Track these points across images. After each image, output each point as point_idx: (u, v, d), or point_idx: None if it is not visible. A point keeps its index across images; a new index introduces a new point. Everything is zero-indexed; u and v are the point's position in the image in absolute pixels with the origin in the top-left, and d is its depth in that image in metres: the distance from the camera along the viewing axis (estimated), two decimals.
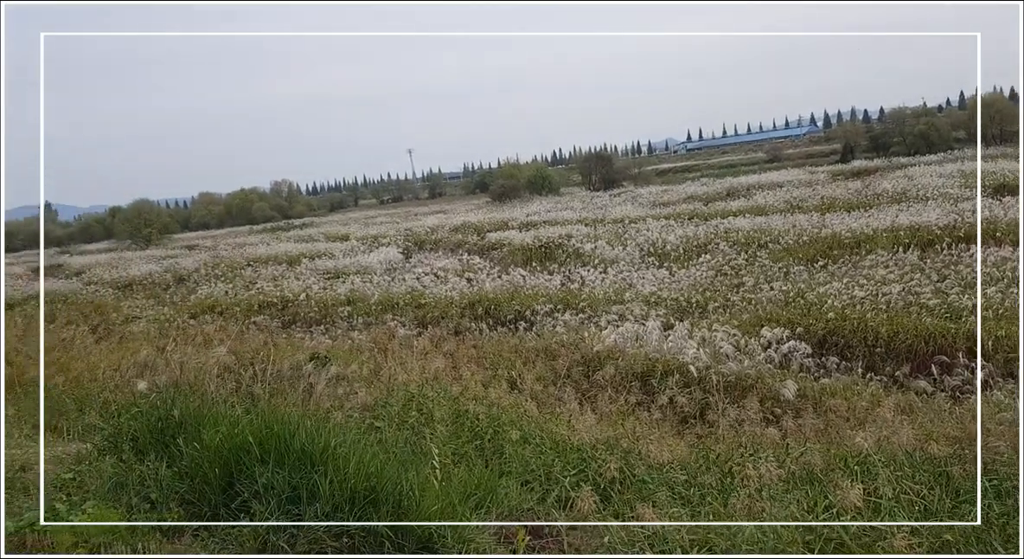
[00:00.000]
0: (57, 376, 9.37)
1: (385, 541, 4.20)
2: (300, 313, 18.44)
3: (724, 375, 8.81)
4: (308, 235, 45.76)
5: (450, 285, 19.23)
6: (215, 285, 24.22)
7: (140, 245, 54.92)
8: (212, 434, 4.98)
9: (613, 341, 10.21)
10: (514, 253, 26.17)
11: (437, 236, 34.68)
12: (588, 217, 34.64)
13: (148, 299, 23.59)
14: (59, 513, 4.40)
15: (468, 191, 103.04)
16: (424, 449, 5.62)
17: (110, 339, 13.47)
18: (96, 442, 5.97)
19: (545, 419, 6.86)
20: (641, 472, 5.49)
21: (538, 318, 14.37)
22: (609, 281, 18.03)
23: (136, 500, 4.68)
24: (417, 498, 4.43)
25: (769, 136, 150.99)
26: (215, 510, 4.55)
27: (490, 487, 5.04)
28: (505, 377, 8.74)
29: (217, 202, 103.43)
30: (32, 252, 73.25)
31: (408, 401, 7.03)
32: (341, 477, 4.47)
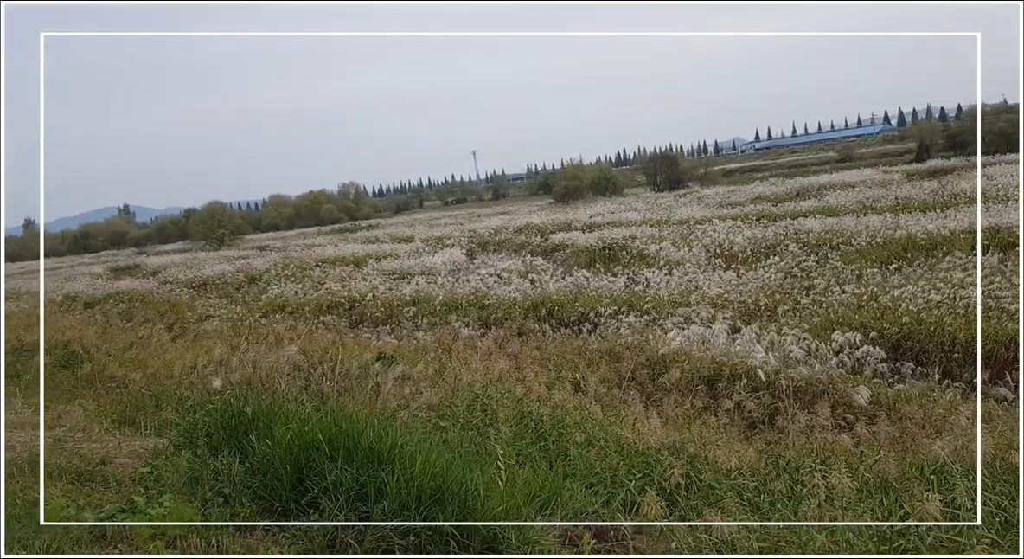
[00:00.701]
0: (135, 373, 9.74)
1: (451, 540, 4.23)
2: (367, 313, 18.70)
3: (794, 380, 8.62)
4: (374, 236, 46.39)
5: (513, 286, 19.24)
6: (285, 285, 24.73)
7: (213, 246, 56.50)
8: (283, 431, 5.09)
9: (679, 344, 10.08)
10: (577, 254, 26.05)
11: (500, 237, 34.78)
12: (653, 218, 34.26)
13: (221, 298, 24.25)
14: (137, 506, 4.56)
15: (531, 192, 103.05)
16: (488, 449, 5.65)
17: (185, 337, 13.91)
18: (172, 437, 6.17)
19: (609, 422, 6.83)
20: (708, 477, 5.41)
21: (602, 320, 14.28)
22: (674, 283, 17.81)
23: (210, 494, 4.82)
24: (482, 498, 4.45)
25: (841, 135, 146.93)
26: (286, 506, 4.66)
27: (555, 489, 5.04)
28: (569, 379, 8.71)
29: (287, 204, 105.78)
30: (110, 252, 76.13)
31: (472, 401, 7.07)
32: (408, 476, 4.52)
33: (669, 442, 6.07)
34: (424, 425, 6.07)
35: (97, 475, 5.49)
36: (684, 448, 5.89)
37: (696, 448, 6.02)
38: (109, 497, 4.94)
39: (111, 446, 6.34)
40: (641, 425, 6.71)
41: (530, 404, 7.24)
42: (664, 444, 5.96)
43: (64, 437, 6.74)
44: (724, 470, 5.46)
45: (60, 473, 5.46)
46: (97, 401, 8.44)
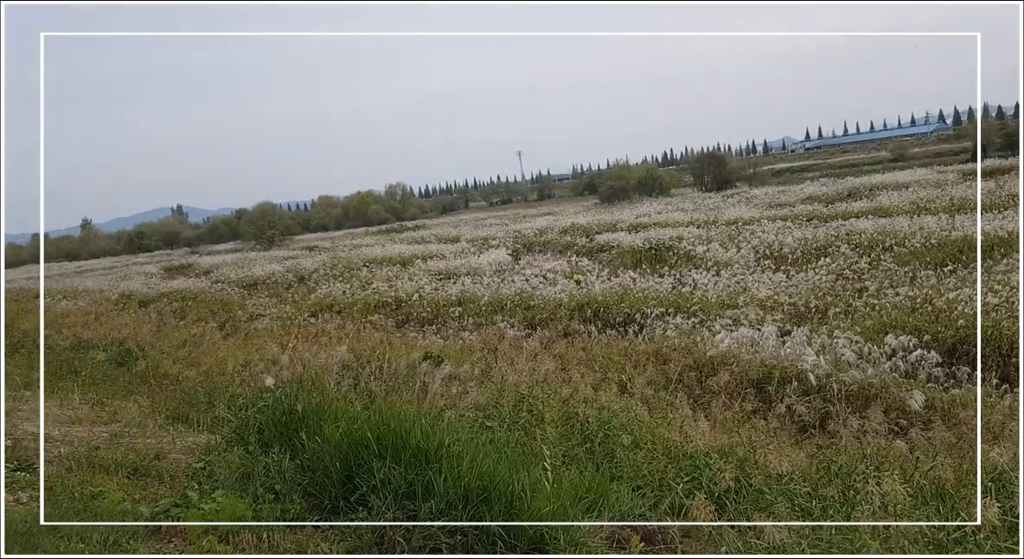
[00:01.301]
0: (188, 370, 9.95)
1: (498, 540, 4.24)
2: (413, 313, 18.83)
3: (846, 384, 8.45)
4: (420, 237, 46.72)
5: (559, 287, 19.20)
6: (333, 285, 25.03)
7: (264, 246, 57.50)
8: (332, 429, 5.15)
9: (727, 346, 9.96)
10: (623, 255, 25.89)
11: (546, 238, 34.74)
12: (700, 219, 33.91)
13: (271, 298, 24.64)
14: (191, 501, 4.65)
15: (577, 193, 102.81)
16: (534, 450, 5.64)
17: (236, 336, 14.18)
18: (224, 434, 6.28)
19: (656, 424, 6.76)
20: (758, 482, 5.33)
21: (648, 321, 14.17)
22: (722, 284, 17.60)
23: (261, 491, 4.89)
24: (528, 499, 4.45)
25: (894, 134, 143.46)
26: (335, 503, 4.71)
27: (601, 491, 5.01)
28: (615, 380, 8.66)
29: (335, 205, 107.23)
30: (164, 252, 77.94)
31: (518, 402, 7.07)
32: (455, 475, 4.54)
33: (717, 445, 5.99)
34: (471, 425, 6.09)
35: (152, 470, 5.61)
36: (733, 452, 5.80)
37: (745, 452, 5.93)
38: (163, 492, 5.05)
39: (165, 442, 6.48)
40: (689, 428, 6.63)
41: (576, 405, 7.22)
42: (712, 447, 5.88)
43: (119, 433, 6.91)
44: (774, 475, 5.37)
45: (116, 468, 5.60)
46: (151, 398, 8.63)
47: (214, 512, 4.37)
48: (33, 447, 6.19)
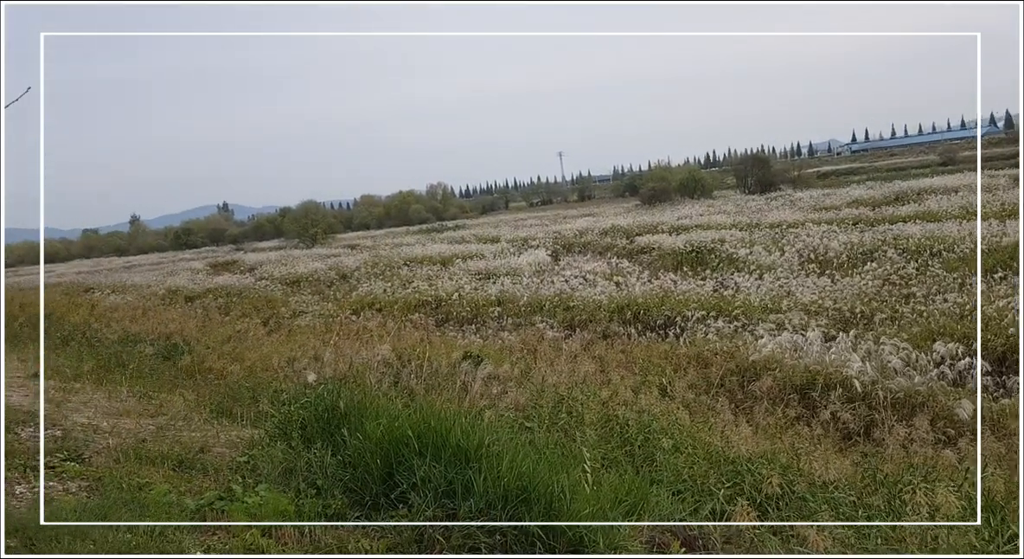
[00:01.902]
0: (232, 365, 10.11)
1: (537, 542, 4.23)
2: (453, 312, 18.90)
3: (892, 391, 8.29)
4: (460, 236, 46.89)
5: (598, 288, 19.11)
6: (375, 283, 25.22)
7: (307, 244, 58.15)
8: (374, 426, 5.19)
9: (770, 351, 9.82)
10: (664, 257, 25.70)
11: (586, 239, 34.61)
12: (743, 221, 33.51)
13: (313, 295, 24.92)
14: (235, 494, 4.73)
15: (617, 194, 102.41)
16: (574, 452, 5.62)
17: (280, 332, 14.37)
18: (267, 428, 6.36)
19: (697, 428, 6.70)
20: (801, 489, 5.25)
21: (689, 324, 14.04)
22: (765, 288, 17.35)
23: (304, 485, 4.94)
24: (568, 501, 4.43)
25: (942, 137, 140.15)
26: (375, 499, 4.74)
27: (641, 494, 4.97)
28: (655, 384, 8.60)
29: (377, 204, 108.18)
30: (210, 248, 79.34)
31: (558, 403, 7.06)
32: (494, 475, 4.54)
33: (760, 451, 5.91)
34: (510, 425, 6.09)
35: (197, 463, 5.70)
36: (776, 458, 5.73)
37: (788, 458, 5.85)
38: (208, 485, 5.13)
39: (210, 435, 6.58)
40: (731, 433, 6.56)
41: (616, 407, 7.18)
42: (755, 453, 5.81)
43: (166, 425, 7.04)
44: (819, 482, 5.29)
45: (162, 460, 5.70)
46: (197, 391, 8.78)
47: (257, 506, 4.44)
48: (82, 438, 6.33)
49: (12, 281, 46.19)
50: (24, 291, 28.31)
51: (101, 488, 4.90)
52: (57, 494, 4.89)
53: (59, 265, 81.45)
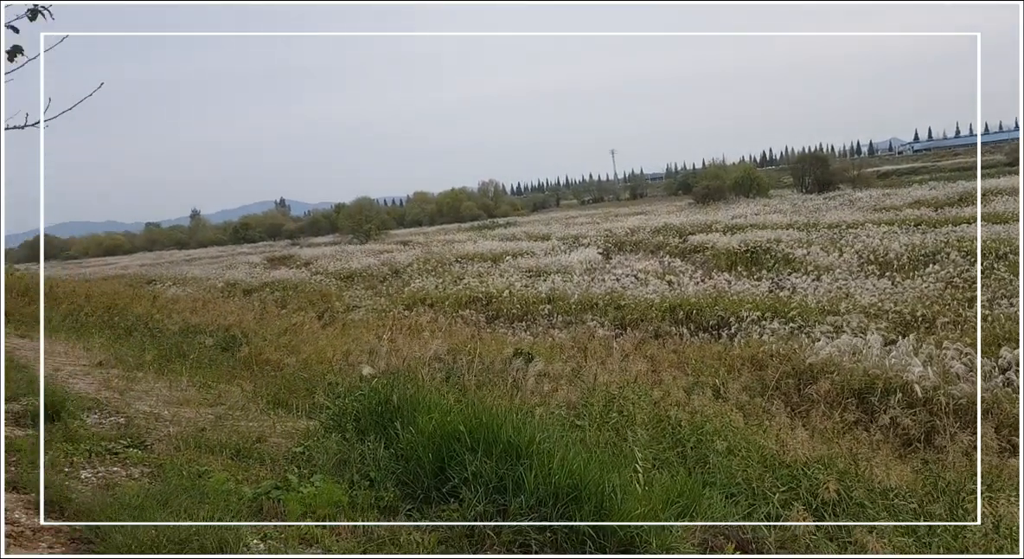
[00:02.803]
0: (289, 357, 10.28)
1: (587, 540, 4.21)
2: (503, 309, 18.97)
3: (954, 397, 8.05)
4: (511, 234, 46.98)
5: (650, 287, 18.97)
6: (426, 279, 25.45)
7: (360, 239, 58.93)
8: (426, 420, 5.23)
9: (828, 353, 9.63)
10: (718, 257, 25.39)
11: (637, 237, 34.38)
12: (800, 221, 32.91)
13: (366, 290, 25.25)
14: (291, 484, 4.81)
15: (670, 192, 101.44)
16: (625, 451, 5.58)
17: (334, 326, 14.57)
18: (322, 420, 6.46)
19: (752, 431, 6.60)
20: (860, 495, 5.13)
21: (743, 325, 13.85)
22: (823, 290, 17.02)
23: (357, 477, 5.00)
24: (619, 501, 4.41)
25: (1009, 136, 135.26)
26: (427, 493, 4.77)
27: (693, 496, 4.91)
28: (709, 385, 8.49)
29: (430, 201, 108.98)
30: (267, 243, 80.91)
31: (609, 402, 7.02)
32: (545, 472, 4.53)
33: (816, 456, 5.80)
34: (561, 422, 6.08)
35: (254, 452, 5.81)
36: (833, 463, 5.61)
37: (846, 464, 5.73)
38: (264, 474, 5.23)
39: (266, 426, 6.70)
40: (786, 436, 6.44)
41: (668, 408, 7.11)
42: (811, 457, 5.70)
43: (224, 415, 7.20)
44: (878, 489, 5.16)
45: (221, 448, 5.83)
46: (254, 382, 8.95)
47: (312, 496, 4.51)
48: (144, 426, 6.51)
49: (77, 272, 47.77)
50: (90, 282, 29.24)
51: (162, 474, 5.03)
52: (121, 479, 5.04)
53: (123, 257, 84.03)
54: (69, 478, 4.94)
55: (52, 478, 4.76)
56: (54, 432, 5.99)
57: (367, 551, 4.06)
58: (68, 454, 5.42)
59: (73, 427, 6.17)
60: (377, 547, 4.10)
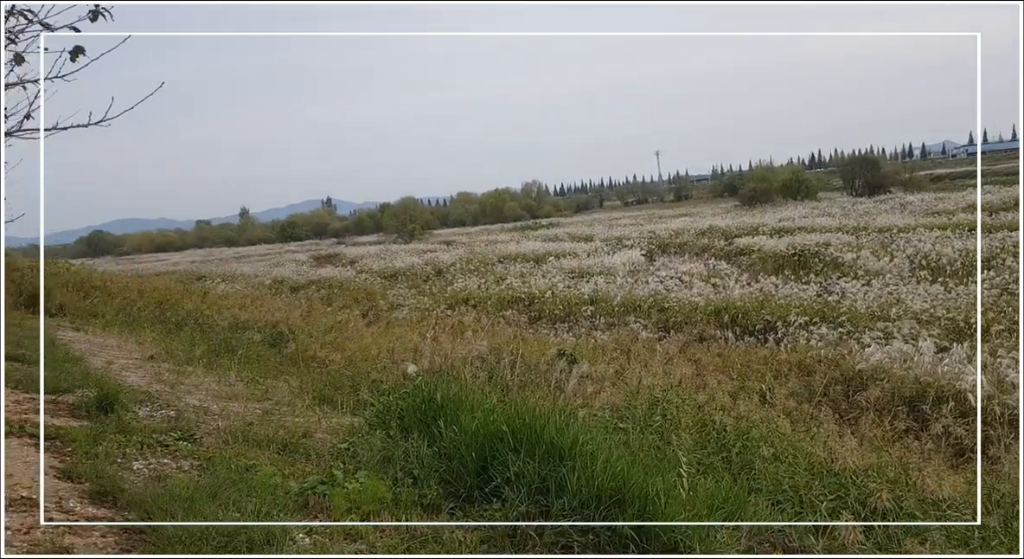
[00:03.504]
0: (334, 354, 10.40)
1: (630, 543, 4.19)
2: (545, 310, 18.95)
3: (1010, 407, 7.83)
4: (554, 234, 46.92)
5: (695, 290, 18.79)
6: (469, 279, 25.56)
7: (404, 239, 59.39)
8: (469, 419, 5.25)
9: (878, 360, 9.44)
10: (764, 260, 25.06)
11: (682, 239, 34.09)
12: (849, 224, 32.33)
13: (410, 289, 25.44)
14: (336, 479, 4.86)
15: (716, 194, 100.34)
16: (668, 455, 5.54)
17: (378, 324, 14.71)
18: (367, 417, 6.52)
19: (799, 438, 6.49)
20: (910, 505, 5.02)
21: (791, 330, 13.64)
22: (873, 295, 16.68)
23: (401, 474, 5.04)
24: (663, 505, 4.37)
25: None
26: (470, 492, 4.79)
27: (738, 503, 4.85)
28: (755, 390, 8.38)
29: (473, 201, 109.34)
30: (313, 241, 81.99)
31: (652, 405, 6.96)
32: (588, 474, 4.52)
33: (866, 464, 5.68)
34: (604, 425, 6.05)
35: (300, 447, 5.88)
36: (883, 472, 5.50)
37: (896, 473, 5.61)
38: (310, 469, 5.29)
39: (312, 421, 6.79)
40: (834, 443, 6.32)
41: (712, 412, 7.04)
42: (860, 466, 5.59)
43: (271, 410, 7.30)
44: (930, 499, 5.04)
45: (268, 443, 5.91)
46: (300, 378, 9.07)
47: (357, 492, 4.55)
48: (194, 419, 6.64)
49: (130, 268, 48.95)
50: (142, 278, 29.93)
51: (211, 468, 5.12)
52: (171, 471, 5.14)
53: (174, 254, 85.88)
54: (122, 469, 5.05)
55: (106, 469, 4.88)
56: (107, 424, 6.14)
57: (410, 548, 4.08)
58: (121, 446, 5.55)
59: (126, 419, 6.32)
60: (420, 544, 4.13)
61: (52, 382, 7.80)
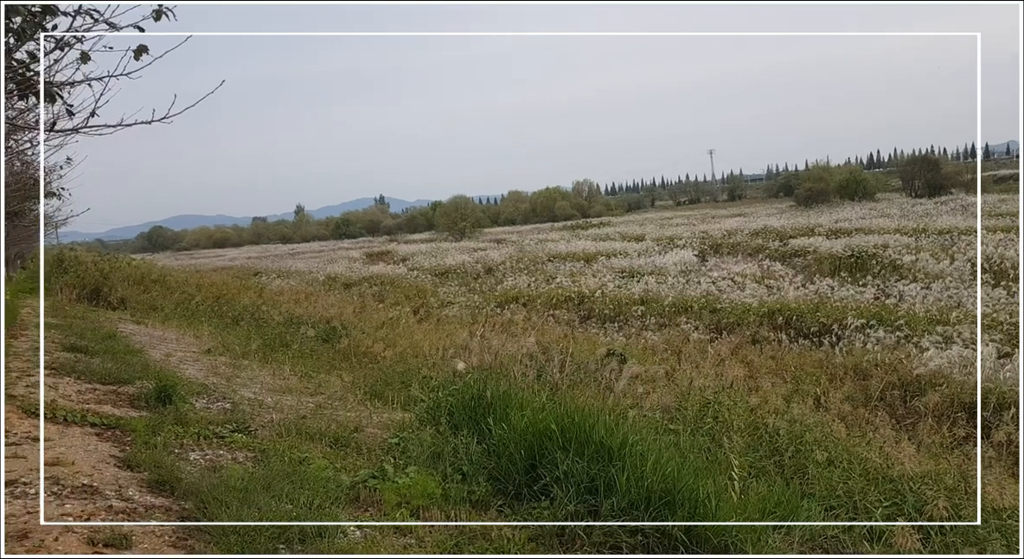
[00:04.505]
0: (386, 350, 10.53)
1: (679, 545, 4.15)
2: (595, 309, 18.85)
3: None
4: (605, 234, 46.66)
5: (748, 291, 18.51)
6: (519, 277, 25.57)
7: (455, 237, 59.69)
8: (518, 417, 5.26)
9: (937, 365, 9.19)
10: (820, 261, 24.56)
11: (735, 240, 33.61)
12: (908, 226, 31.50)
13: (460, 287, 25.57)
14: (387, 474, 4.92)
15: (770, 194, 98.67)
16: (720, 458, 5.48)
17: (429, 320, 14.83)
18: (417, 413, 6.59)
19: (854, 443, 6.36)
20: (969, 514, 4.88)
21: (847, 333, 13.34)
22: (932, 298, 16.22)
23: (450, 470, 5.08)
24: (713, 507, 4.33)
25: None
26: (518, 489, 4.81)
27: (791, 507, 4.78)
28: (810, 393, 8.23)
29: (523, 200, 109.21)
30: (366, 239, 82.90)
31: (704, 407, 6.89)
32: (638, 475, 4.50)
33: (923, 471, 5.54)
34: (655, 426, 6.01)
35: (351, 441, 5.96)
36: (941, 479, 5.35)
37: (955, 480, 5.45)
38: (361, 462, 5.36)
39: (363, 416, 6.88)
40: (891, 449, 6.18)
41: (765, 415, 6.93)
42: (918, 473, 5.45)
43: (324, 404, 7.42)
44: (990, 508, 4.89)
45: (320, 436, 6.02)
46: (352, 374, 9.20)
47: (407, 487, 4.60)
48: (249, 411, 6.78)
49: (189, 263, 50.16)
50: (200, 273, 30.65)
51: (265, 459, 5.22)
52: (226, 462, 5.25)
53: (231, 250, 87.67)
54: (179, 459, 5.18)
55: (164, 459, 5.01)
56: (165, 415, 6.31)
57: (459, 544, 4.11)
58: (178, 436, 5.70)
59: (183, 410, 6.49)
60: (469, 540, 4.15)
61: (113, 373, 8.06)
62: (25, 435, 5.37)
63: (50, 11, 3.32)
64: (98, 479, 4.57)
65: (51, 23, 3.51)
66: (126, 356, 9.29)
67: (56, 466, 4.69)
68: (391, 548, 3.93)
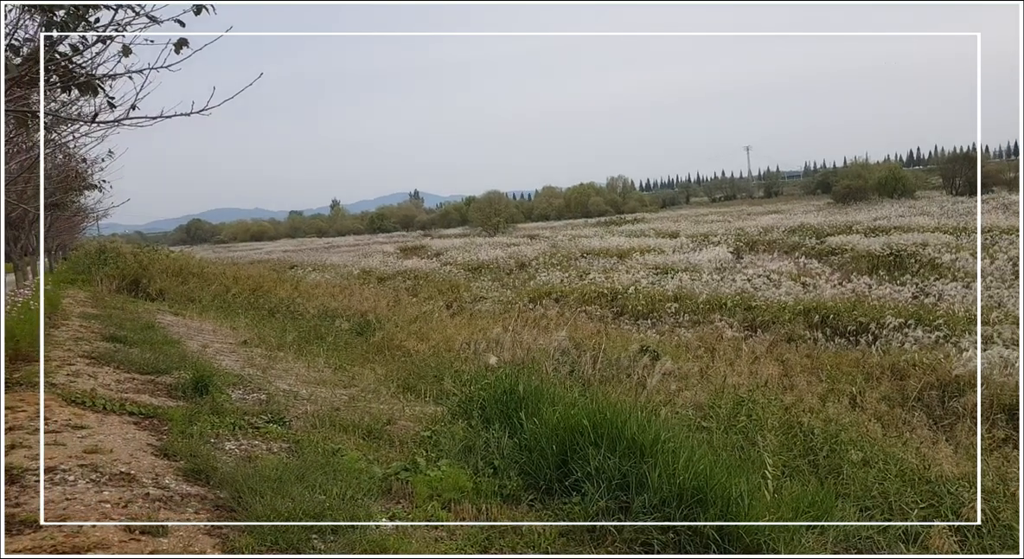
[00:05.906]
0: (419, 344, 10.59)
1: (711, 544, 4.13)
2: (628, 305, 18.76)
3: None
4: (639, 230, 46.42)
5: (783, 289, 18.29)
6: (552, 273, 25.54)
7: (489, 232, 59.80)
8: (550, 412, 5.27)
9: (976, 366, 9.01)
10: (858, 259, 24.20)
11: (771, 237, 33.24)
12: (948, 224, 30.91)
13: (493, 282, 25.61)
14: (419, 466, 4.96)
15: (807, 191, 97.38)
16: (753, 456, 5.44)
17: (462, 315, 14.88)
18: (449, 406, 6.62)
19: (890, 443, 6.28)
20: (1007, 517, 4.79)
21: (884, 332, 13.13)
22: (972, 298, 15.92)
23: (481, 464, 5.11)
24: (746, 506, 4.30)
25: None
26: (549, 484, 4.81)
27: (825, 507, 4.73)
28: (846, 393, 8.12)
29: (557, 195, 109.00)
30: (401, 233, 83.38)
31: (737, 405, 6.84)
32: (670, 472, 4.48)
33: (961, 473, 5.45)
34: (687, 423, 5.98)
35: (384, 433, 6.01)
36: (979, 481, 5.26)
37: (994, 483, 5.36)
38: (394, 455, 5.41)
39: (396, 409, 6.93)
40: (928, 450, 6.08)
41: (800, 415, 6.87)
42: (955, 474, 5.36)
43: (357, 396, 7.49)
44: None
45: (353, 428, 6.08)
46: (385, 367, 9.27)
47: (439, 479, 4.63)
48: (284, 403, 6.86)
49: (226, 256, 50.82)
50: (237, 266, 31.07)
51: (299, 450, 5.28)
52: (261, 452, 5.33)
53: (267, 243, 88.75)
54: (215, 449, 5.26)
55: (200, 448, 5.09)
56: (202, 405, 6.41)
57: (489, 537, 4.13)
58: (214, 426, 5.78)
59: (219, 401, 6.59)
60: (500, 534, 4.17)
61: (151, 363, 8.21)
62: (66, 423, 5.48)
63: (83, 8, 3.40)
64: (135, 467, 4.65)
65: (94, 16, 3.58)
66: (164, 346, 9.45)
67: (95, 454, 4.78)
68: (422, 540, 3.95)
